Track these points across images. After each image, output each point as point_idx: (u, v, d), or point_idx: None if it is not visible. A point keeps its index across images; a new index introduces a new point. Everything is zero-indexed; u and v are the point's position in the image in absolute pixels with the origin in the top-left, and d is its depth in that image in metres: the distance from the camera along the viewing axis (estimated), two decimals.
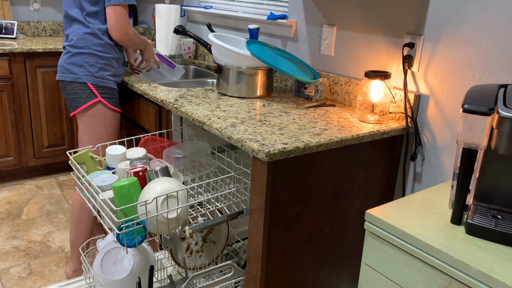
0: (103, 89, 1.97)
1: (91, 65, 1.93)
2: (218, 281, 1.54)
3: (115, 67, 2.01)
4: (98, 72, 1.94)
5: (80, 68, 1.94)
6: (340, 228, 1.59)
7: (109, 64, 1.97)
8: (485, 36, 1.42)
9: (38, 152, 3.20)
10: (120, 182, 1.31)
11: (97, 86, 1.95)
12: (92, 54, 1.93)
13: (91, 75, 1.94)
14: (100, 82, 1.96)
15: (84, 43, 1.92)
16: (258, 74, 1.87)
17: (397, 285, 1.13)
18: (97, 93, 1.96)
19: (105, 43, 1.95)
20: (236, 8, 2.59)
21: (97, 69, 1.94)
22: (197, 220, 1.57)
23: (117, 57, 2.01)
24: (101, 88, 1.96)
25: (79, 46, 1.93)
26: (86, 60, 1.93)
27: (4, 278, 2.20)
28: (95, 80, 1.94)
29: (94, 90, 1.95)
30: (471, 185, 1.16)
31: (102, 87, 1.97)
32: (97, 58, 1.94)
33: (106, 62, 1.96)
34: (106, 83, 1.97)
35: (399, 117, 1.68)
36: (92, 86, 1.95)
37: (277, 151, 1.28)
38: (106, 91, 1.98)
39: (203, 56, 2.87)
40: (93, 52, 1.93)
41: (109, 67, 1.97)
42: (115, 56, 1.99)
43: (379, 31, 1.75)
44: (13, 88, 2.99)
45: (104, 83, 1.97)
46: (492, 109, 1.03)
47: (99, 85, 1.96)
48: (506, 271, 0.95)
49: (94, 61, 1.93)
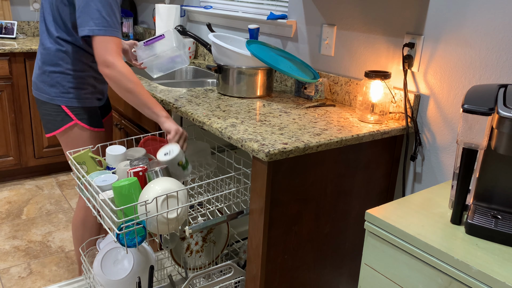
0: (79, 110, 1.72)
1: (63, 85, 1.68)
2: (218, 281, 1.54)
3: (94, 85, 1.75)
4: (71, 92, 1.69)
5: (52, 88, 1.68)
6: (340, 228, 1.59)
7: (85, 83, 1.71)
8: (485, 36, 1.42)
9: (38, 152, 3.20)
10: (120, 182, 1.31)
11: (71, 108, 1.70)
12: (65, 74, 1.67)
13: (64, 96, 1.69)
14: (76, 103, 1.70)
15: (56, 60, 1.66)
16: (258, 74, 1.87)
17: (397, 285, 1.13)
18: (73, 116, 1.71)
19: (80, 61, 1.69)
20: (236, 8, 2.59)
21: (70, 89, 1.69)
22: (197, 220, 1.56)
23: (96, 76, 1.75)
24: (76, 109, 1.71)
25: (50, 63, 1.67)
26: (58, 80, 1.67)
27: (4, 278, 2.20)
28: (69, 101, 1.69)
29: (69, 112, 1.70)
30: (471, 185, 1.16)
31: (78, 108, 1.71)
32: (70, 77, 1.68)
33: (81, 81, 1.70)
34: (82, 103, 1.72)
35: (399, 117, 1.68)
36: (66, 108, 1.70)
37: (277, 151, 1.28)
38: (83, 112, 1.73)
39: (203, 56, 2.87)
40: (65, 71, 1.67)
41: (85, 86, 1.72)
42: (93, 75, 1.74)
43: (379, 31, 1.75)
44: (13, 88, 2.99)
45: (80, 103, 1.71)
46: (492, 109, 1.03)
47: (74, 107, 1.70)
48: (506, 271, 0.95)
49: (66, 81, 1.68)
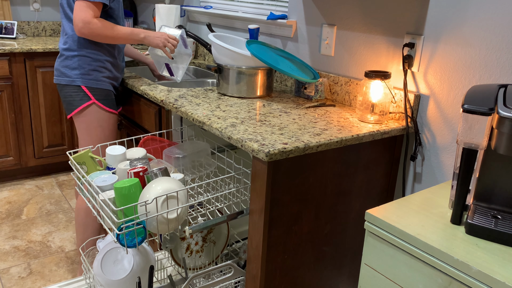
0: (97, 91, 1.95)
1: (84, 67, 1.92)
2: (218, 281, 1.54)
3: (111, 69, 1.99)
4: (91, 74, 1.92)
5: (73, 71, 1.92)
6: (340, 228, 1.59)
7: (103, 67, 1.95)
8: (485, 36, 1.42)
9: (38, 152, 3.20)
10: (121, 183, 1.31)
11: (90, 88, 1.93)
12: (85, 57, 1.91)
13: (84, 77, 1.92)
14: (94, 84, 1.94)
15: (77, 45, 1.91)
16: (258, 74, 1.87)
17: (397, 285, 1.13)
18: (91, 95, 1.94)
19: (98, 46, 1.92)
20: (236, 8, 2.59)
21: (90, 71, 1.92)
22: (197, 220, 1.57)
23: (113, 61, 1.99)
24: (95, 90, 1.94)
25: (72, 49, 1.91)
26: (79, 63, 1.91)
27: (4, 278, 2.20)
28: (89, 82, 1.92)
29: (88, 92, 1.93)
30: (471, 185, 1.16)
31: (96, 89, 1.94)
32: (90, 60, 1.91)
33: (99, 65, 1.94)
34: (100, 85, 1.95)
35: (399, 117, 1.68)
36: (85, 88, 1.93)
37: (277, 151, 1.28)
38: (101, 93, 1.96)
39: (203, 56, 2.87)
40: (86, 55, 1.91)
41: (103, 69, 1.95)
42: (110, 60, 1.97)
43: (379, 31, 1.75)
44: (13, 88, 2.99)
45: (98, 85, 1.94)
46: (492, 109, 1.03)
47: (92, 87, 1.94)
48: (506, 271, 0.95)
49: (87, 63, 1.92)
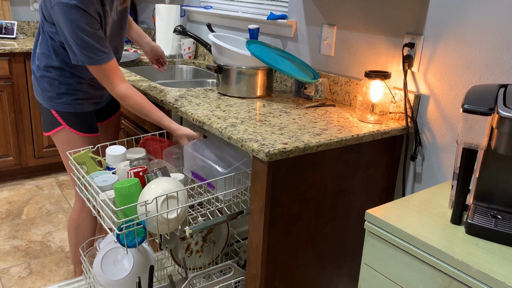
0: (68, 115, 1.73)
1: (53, 89, 1.70)
2: (218, 281, 1.54)
3: (87, 90, 1.75)
4: (61, 97, 1.70)
5: (44, 93, 1.71)
6: (340, 228, 1.59)
7: (74, 89, 1.72)
8: (485, 36, 1.42)
9: (38, 152, 3.20)
10: (121, 183, 1.31)
11: (60, 113, 1.72)
12: (54, 79, 1.69)
13: (53, 101, 1.71)
14: (65, 108, 1.72)
15: (44, 67, 1.69)
16: (258, 74, 1.87)
17: (397, 285, 1.13)
18: (61, 120, 1.73)
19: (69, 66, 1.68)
20: (236, 8, 2.59)
21: (60, 94, 1.70)
22: (197, 220, 1.57)
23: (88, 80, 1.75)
24: (65, 114, 1.73)
25: (40, 68, 1.69)
26: (48, 86, 1.70)
27: (4, 278, 2.20)
28: (58, 106, 1.71)
29: (57, 117, 1.72)
30: (471, 185, 1.16)
31: (66, 114, 1.73)
32: (58, 83, 1.69)
33: (70, 87, 1.71)
34: (71, 109, 1.73)
35: (399, 117, 1.68)
36: (55, 113, 1.72)
37: (277, 151, 1.28)
38: (73, 118, 1.74)
39: (203, 56, 2.87)
40: (54, 77, 1.69)
41: (75, 92, 1.72)
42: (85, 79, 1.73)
43: (379, 31, 1.75)
44: (13, 88, 2.99)
45: (69, 109, 1.72)
46: (492, 109, 1.03)
47: (62, 112, 1.72)
48: (506, 271, 0.95)
49: (55, 86, 1.69)
